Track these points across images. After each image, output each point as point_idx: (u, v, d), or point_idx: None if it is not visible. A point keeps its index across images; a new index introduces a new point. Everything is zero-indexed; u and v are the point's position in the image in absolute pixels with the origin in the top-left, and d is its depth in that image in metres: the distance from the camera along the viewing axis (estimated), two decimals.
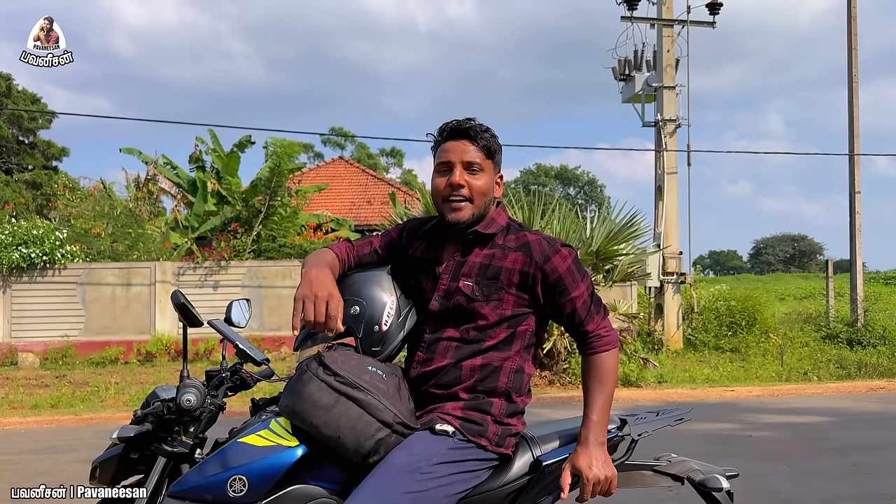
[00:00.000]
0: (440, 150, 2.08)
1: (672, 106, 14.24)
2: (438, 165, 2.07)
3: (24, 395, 9.90)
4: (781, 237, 74.34)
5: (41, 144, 30.22)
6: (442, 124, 2.09)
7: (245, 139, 17.00)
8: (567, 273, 2.03)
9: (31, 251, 13.29)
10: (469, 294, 2.02)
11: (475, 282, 2.03)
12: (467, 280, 2.04)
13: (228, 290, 14.07)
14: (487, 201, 2.07)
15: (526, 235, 2.08)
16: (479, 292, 2.02)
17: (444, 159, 2.05)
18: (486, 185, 2.05)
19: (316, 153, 42.38)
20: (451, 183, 2.02)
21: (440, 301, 2.06)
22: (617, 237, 10.08)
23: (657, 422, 2.32)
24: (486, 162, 2.05)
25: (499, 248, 2.06)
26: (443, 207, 2.06)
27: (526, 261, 2.02)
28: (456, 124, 2.06)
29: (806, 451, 5.86)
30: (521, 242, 2.06)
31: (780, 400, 8.97)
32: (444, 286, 2.07)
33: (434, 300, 2.07)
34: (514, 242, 2.06)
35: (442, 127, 2.09)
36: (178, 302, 2.01)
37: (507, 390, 2.05)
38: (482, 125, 2.07)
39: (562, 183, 58.15)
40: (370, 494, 1.82)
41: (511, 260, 2.03)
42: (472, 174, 2.04)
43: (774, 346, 12.75)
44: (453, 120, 2.08)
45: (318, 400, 1.87)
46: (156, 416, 2.00)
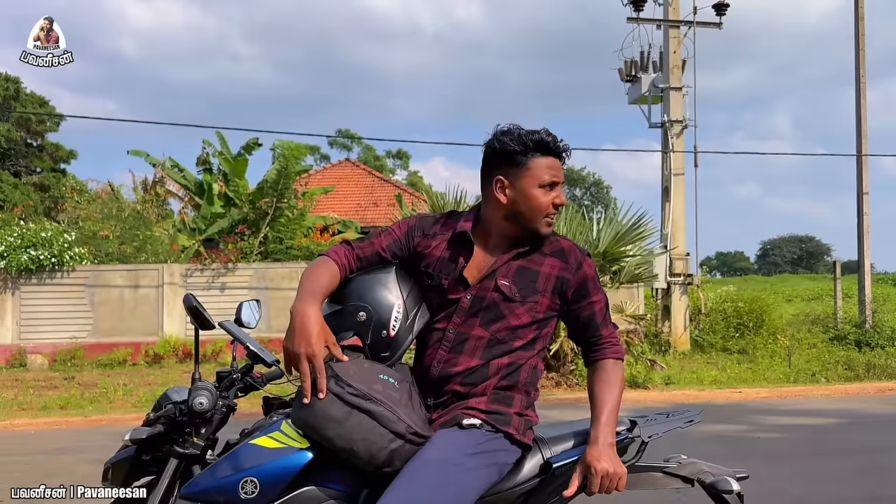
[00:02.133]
0: (537, 163, 2.05)
1: (679, 107, 14.22)
2: (541, 182, 2.06)
3: (33, 397, 9.94)
4: (789, 238, 74.15)
5: (49, 147, 30.37)
6: (538, 133, 2.06)
7: (252, 141, 17.06)
8: (592, 279, 2.13)
9: (39, 253, 13.35)
10: (507, 293, 2.06)
11: (512, 282, 2.07)
12: (504, 280, 2.06)
13: (236, 291, 14.11)
14: None
15: (559, 241, 2.15)
16: (518, 293, 2.06)
17: (550, 177, 2.06)
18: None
19: (322, 155, 42.51)
20: (557, 203, 2.08)
21: (471, 299, 2.07)
22: (623, 238, 10.07)
23: (667, 424, 2.32)
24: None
25: (536, 253, 2.11)
26: (539, 221, 2.08)
27: (562, 266, 2.10)
28: (554, 142, 2.07)
29: (814, 453, 5.84)
30: (556, 248, 2.12)
31: (787, 401, 8.95)
32: (478, 284, 2.08)
33: (464, 298, 2.07)
34: (549, 248, 2.12)
35: (543, 138, 2.06)
36: (190, 305, 2.02)
37: (526, 385, 2.11)
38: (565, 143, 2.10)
39: (567, 184, 58.10)
40: (405, 490, 1.82)
41: (548, 265, 2.10)
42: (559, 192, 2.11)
43: (782, 348, 12.71)
44: (547, 133, 2.07)
45: (330, 413, 1.87)
46: (168, 418, 2.01)
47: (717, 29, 14.58)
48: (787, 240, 74.15)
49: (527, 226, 2.09)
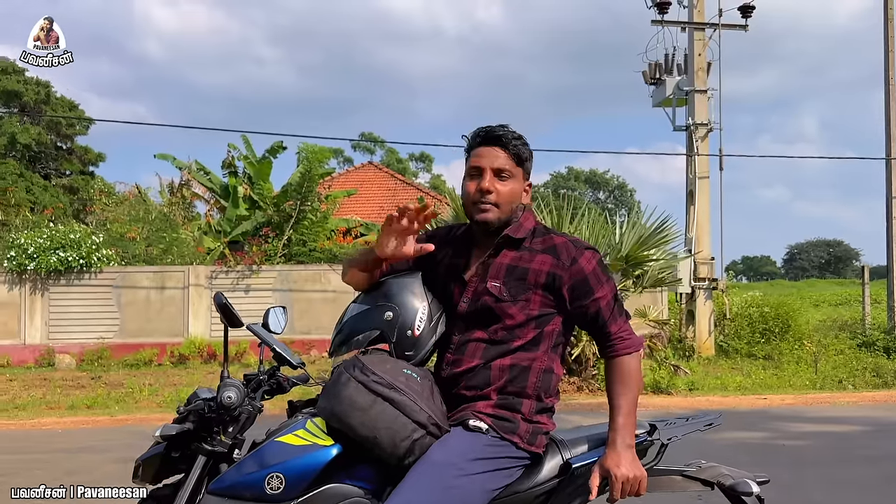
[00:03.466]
0: (472, 154, 2.13)
1: (703, 110, 14.12)
2: (469, 170, 2.13)
3: (60, 396, 10.12)
4: (816, 242, 73.16)
5: (78, 150, 30.85)
6: (476, 129, 2.15)
7: (277, 145, 17.23)
8: (592, 274, 2.08)
9: (68, 255, 13.57)
10: (497, 294, 2.07)
11: (503, 282, 2.08)
12: (495, 281, 2.08)
13: (260, 293, 14.25)
14: (514, 207, 2.12)
15: (553, 238, 2.13)
16: (507, 293, 2.07)
17: (475, 164, 2.11)
18: (513, 192, 2.11)
19: (346, 158, 42.78)
20: (480, 188, 2.08)
21: (468, 303, 2.11)
22: (647, 242, 10.00)
23: (687, 426, 2.33)
24: (515, 169, 2.11)
25: (526, 251, 2.11)
26: (471, 210, 2.13)
27: (553, 262, 2.07)
28: (488, 130, 2.12)
29: (839, 461, 5.78)
30: (548, 245, 2.11)
31: (813, 408, 8.85)
32: (473, 288, 2.12)
33: (462, 302, 2.12)
34: (541, 245, 2.12)
35: (475, 132, 2.15)
36: (220, 303, 2.09)
37: (537, 390, 2.09)
38: (514, 132, 2.12)
39: (591, 187, 57.85)
40: (411, 492, 1.87)
41: (538, 261, 2.08)
42: (501, 180, 2.09)
43: (808, 354, 12.55)
44: (487, 126, 2.13)
45: (356, 401, 1.93)
46: (197, 415, 2.06)
47: (742, 31, 14.47)
48: (814, 244, 73.16)
49: (469, 218, 2.15)
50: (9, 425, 8.26)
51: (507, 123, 2.14)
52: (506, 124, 2.13)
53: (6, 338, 13.70)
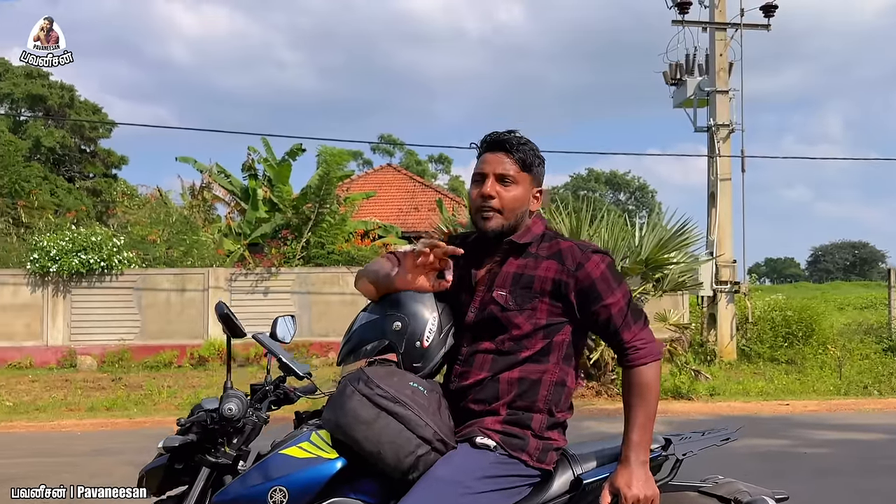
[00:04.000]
0: (478, 160, 2.10)
1: (725, 110, 13.95)
2: (474, 176, 2.10)
3: (81, 398, 10.21)
4: (841, 244, 72.22)
5: (101, 153, 31.25)
6: (485, 135, 2.11)
7: (296, 147, 17.29)
8: (601, 279, 2.00)
9: (89, 257, 13.72)
10: (502, 304, 2.02)
11: (508, 291, 2.02)
12: (501, 290, 2.03)
13: (278, 296, 14.31)
14: (519, 214, 2.06)
15: (559, 243, 2.07)
16: (513, 301, 2.01)
17: (479, 170, 2.07)
18: (518, 198, 2.05)
19: (365, 160, 42.91)
20: (482, 193, 2.04)
21: (475, 313, 2.06)
22: (667, 245, 9.88)
23: (703, 441, 2.27)
24: (520, 174, 2.05)
25: (532, 258, 2.06)
26: (475, 218, 2.08)
27: (558, 268, 2.01)
28: (494, 136, 2.07)
29: (864, 470, 5.65)
30: (554, 250, 2.05)
31: (837, 415, 8.67)
32: (480, 298, 2.07)
33: (469, 312, 2.07)
34: (547, 251, 2.06)
35: (483, 138, 2.11)
36: (222, 313, 2.06)
37: (548, 404, 2.02)
38: (521, 138, 2.07)
39: (612, 188, 57.52)
40: None
41: (543, 268, 2.02)
42: (505, 186, 2.04)
43: (833, 359, 12.34)
44: (494, 131, 2.09)
45: (360, 414, 1.89)
46: (200, 426, 2.03)
47: (765, 31, 14.28)
48: (839, 246, 72.24)
49: (475, 226, 2.10)
50: (29, 427, 8.34)
51: (516, 129, 2.09)
52: (514, 130, 2.09)
53: (29, 339, 13.87)
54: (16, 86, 28.29)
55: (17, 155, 24.36)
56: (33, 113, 29.44)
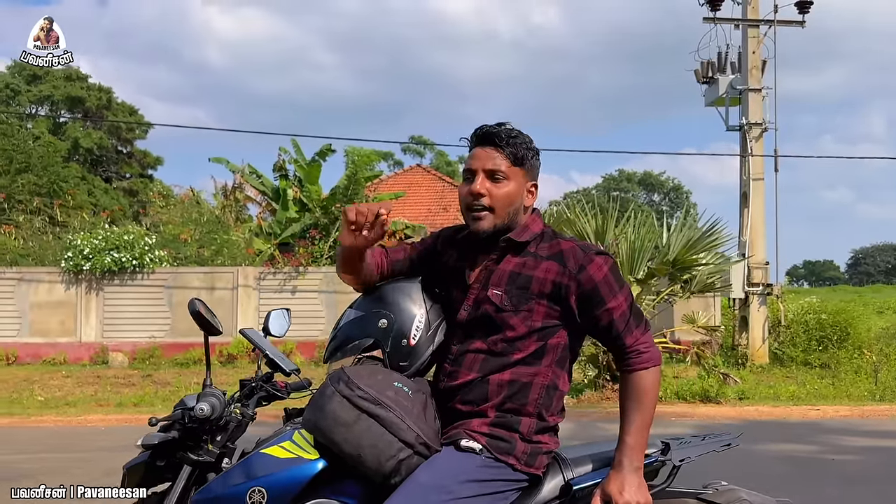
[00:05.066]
0: (468, 156, 2.02)
1: (758, 109, 13.67)
2: (464, 172, 2.02)
3: (110, 394, 10.38)
4: (882, 246, 70.44)
5: (138, 154, 31.81)
6: (475, 129, 2.02)
7: (326, 148, 17.38)
8: (603, 283, 1.92)
9: (122, 256, 13.95)
10: (497, 304, 1.94)
11: (504, 291, 1.95)
12: (496, 289, 1.95)
13: (306, 294, 14.41)
14: (513, 210, 1.97)
15: (560, 243, 1.98)
16: (508, 302, 1.93)
17: (468, 166, 1.99)
18: (510, 194, 1.96)
19: (396, 161, 42.97)
20: (471, 191, 1.95)
21: (469, 311, 1.99)
22: (696, 246, 9.72)
23: (702, 447, 2.18)
24: (512, 170, 1.96)
25: (531, 257, 1.97)
26: (466, 217, 2.00)
27: (559, 270, 1.93)
28: (484, 130, 1.99)
29: (891, 477, 5.45)
30: (555, 251, 1.96)
31: (870, 421, 8.42)
32: (474, 295, 1.99)
33: (462, 310, 2.01)
34: (547, 251, 1.97)
35: (474, 132, 2.02)
36: (194, 310, 2.03)
37: (538, 408, 1.95)
38: (512, 130, 1.98)
39: (645, 189, 56.81)
40: None
41: (543, 269, 1.94)
42: (496, 182, 1.95)
43: (868, 363, 12.01)
44: (483, 125, 2.01)
45: (340, 416, 1.84)
46: (180, 425, 2.01)
47: (799, 28, 13.96)
48: (880, 248, 70.49)
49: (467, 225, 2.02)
50: (57, 421, 8.50)
51: (507, 122, 2.01)
52: (505, 122, 2.00)
53: (63, 336, 14.15)
54: (56, 88, 28.95)
55: (56, 156, 24.91)
56: (72, 114, 30.08)
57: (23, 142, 23.78)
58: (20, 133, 24.60)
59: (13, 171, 21.88)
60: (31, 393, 10.51)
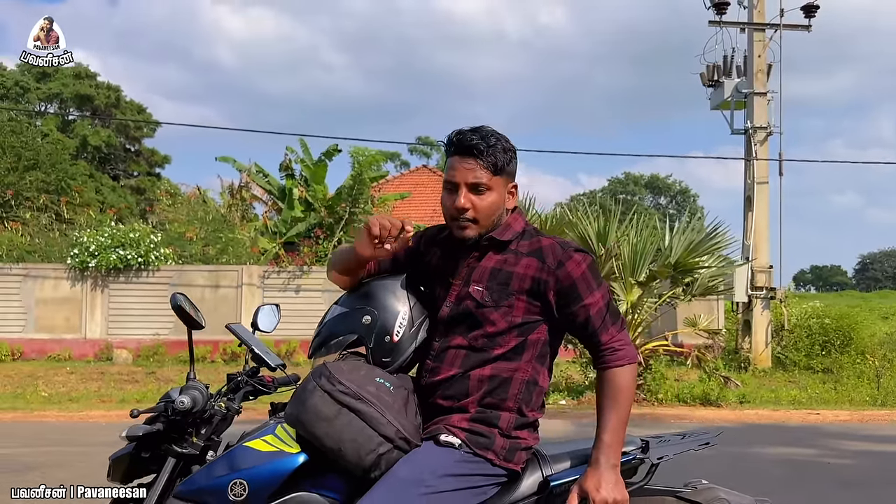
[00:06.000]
0: (447, 165, 2.02)
1: (763, 113, 13.67)
2: (445, 182, 2.02)
3: (114, 390, 10.44)
4: (891, 252, 70.12)
5: (145, 152, 31.95)
6: (451, 132, 2.02)
7: (332, 148, 17.44)
8: (581, 279, 1.95)
9: (127, 253, 14.03)
10: (478, 299, 1.97)
11: (485, 286, 1.98)
12: (477, 285, 1.99)
13: (310, 293, 14.45)
14: (496, 217, 2.01)
15: (540, 240, 2.01)
16: (489, 297, 1.97)
17: (449, 178, 2.00)
18: (493, 204, 1.99)
19: (402, 162, 43.03)
20: (456, 206, 1.97)
21: (451, 307, 2.02)
22: (698, 249, 9.71)
23: (681, 445, 2.20)
24: (493, 179, 1.97)
25: (511, 254, 2.00)
26: (450, 225, 2.03)
27: (539, 266, 1.96)
28: (460, 139, 1.98)
29: (886, 482, 5.45)
30: (535, 248, 1.99)
31: (869, 426, 8.39)
32: (456, 292, 2.03)
33: (444, 306, 2.04)
34: (528, 248, 2.00)
35: (449, 137, 2.02)
36: (175, 304, 2.06)
37: (518, 403, 1.98)
38: (489, 139, 1.97)
39: (652, 192, 56.71)
40: None
41: (523, 265, 1.97)
42: (479, 194, 1.97)
43: (871, 368, 11.97)
44: (459, 131, 2.00)
45: (321, 410, 1.87)
46: (164, 417, 2.04)
47: (805, 32, 13.95)
48: (888, 254, 70.15)
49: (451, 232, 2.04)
50: (59, 416, 8.57)
51: (483, 125, 2.01)
52: (481, 127, 2.01)
53: (69, 332, 14.24)
54: (65, 86, 29.11)
55: (65, 153, 25.04)
56: (81, 112, 30.24)
57: (31, 139, 23.91)
58: (29, 130, 24.74)
59: (21, 168, 22.01)
60: (35, 388, 10.59)
